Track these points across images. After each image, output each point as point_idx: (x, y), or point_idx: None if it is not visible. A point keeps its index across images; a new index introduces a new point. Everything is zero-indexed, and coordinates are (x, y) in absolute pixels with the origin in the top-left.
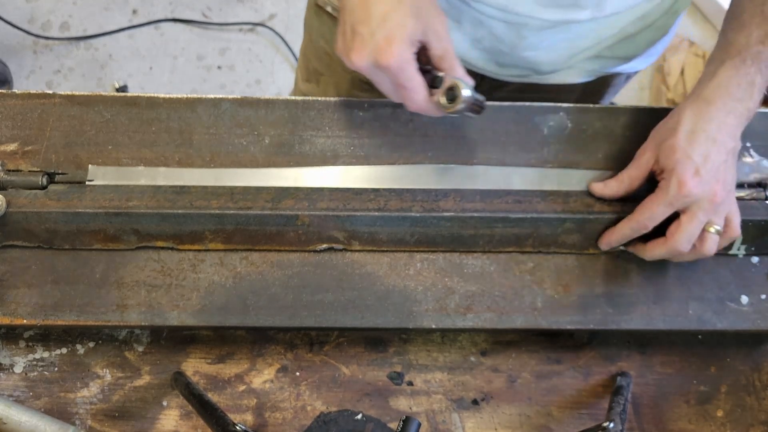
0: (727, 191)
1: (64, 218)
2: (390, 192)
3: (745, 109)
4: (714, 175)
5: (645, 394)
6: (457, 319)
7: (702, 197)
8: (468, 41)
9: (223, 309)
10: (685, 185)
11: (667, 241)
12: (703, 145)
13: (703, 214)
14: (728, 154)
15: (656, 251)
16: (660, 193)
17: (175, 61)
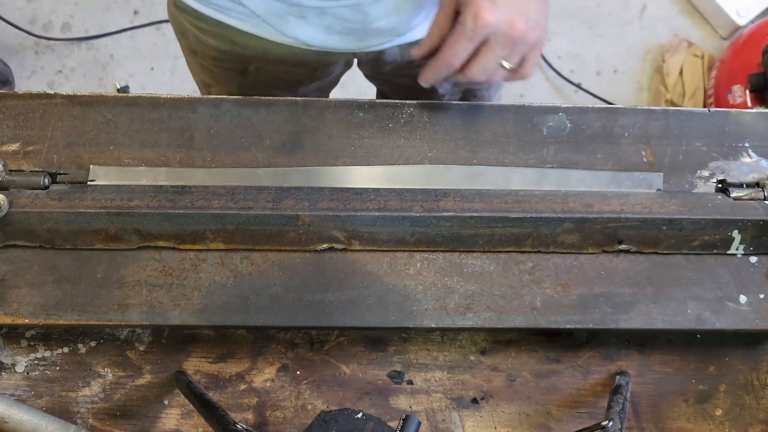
0: (530, 26)
1: (65, 218)
2: (390, 192)
3: None
4: (512, 6)
5: (644, 393)
6: (457, 318)
7: (499, 28)
8: (322, 31)
9: (224, 308)
10: (481, 16)
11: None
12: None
13: (500, 47)
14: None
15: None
16: (458, 28)
17: (176, 61)
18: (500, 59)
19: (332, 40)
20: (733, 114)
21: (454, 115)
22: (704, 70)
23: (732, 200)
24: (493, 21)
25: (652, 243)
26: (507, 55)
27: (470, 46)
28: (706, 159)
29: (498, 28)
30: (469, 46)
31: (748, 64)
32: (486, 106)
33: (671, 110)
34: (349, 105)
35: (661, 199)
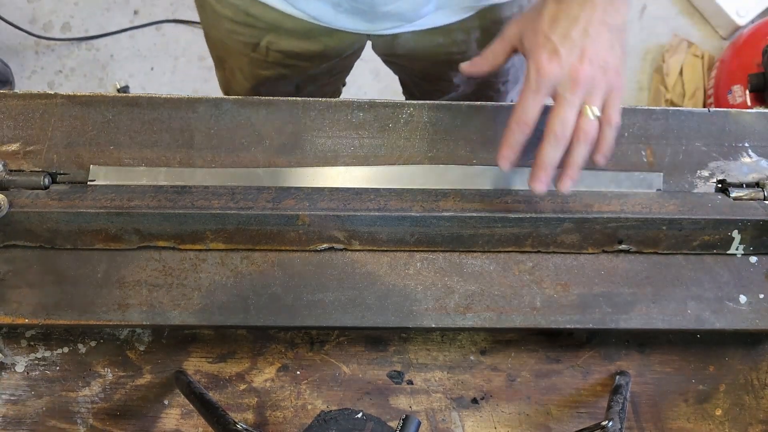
0: (598, 67)
1: (65, 218)
2: (390, 192)
3: None
4: (575, 52)
5: (644, 393)
6: (457, 318)
7: (562, 76)
8: (330, 8)
9: (224, 308)
10: (542, 68)
11: (545, 133)
12: (564, 25)
13: (570, 93)
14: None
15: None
16: (524, 86)
17: (177, 61)
18: (576, 107)
19: (341, 18)
20: (733, 114)
21: (454, 115)
22: (704, 70)
23: (732, 200)
24: (555, 70)
25: (652, 243)
26: (586, 102)
27: (538, 99)
28: (706, 159)
29: (562, 77)
30: (537, 98)
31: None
32: (486, 106)
33: (671, 110)
34: (349, 105)
35: (661, 199)
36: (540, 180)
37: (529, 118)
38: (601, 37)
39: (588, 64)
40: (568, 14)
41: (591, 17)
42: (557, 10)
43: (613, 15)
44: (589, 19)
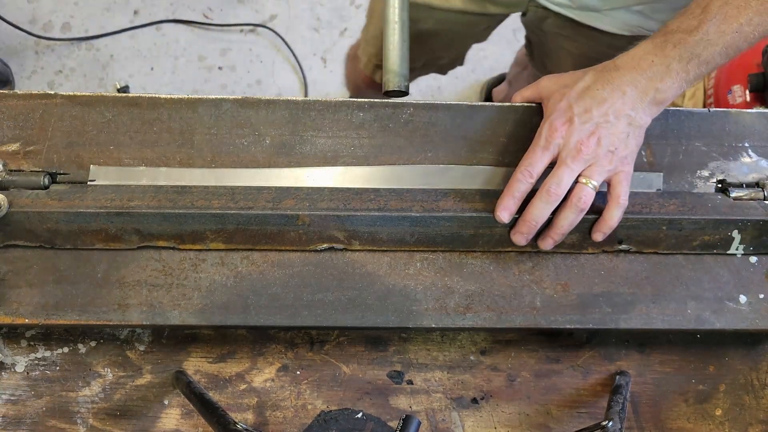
0: (606, 149)
1: (65, 218)
2: (390, 192)
3: (651, 87)
4: (589, 128)
5: (644, 393)
6: (457, 318)
7: (569, 142)
8: None
9: (224, 308)
10: (555, 128)
11: (540, 190)
12: (588, 101)
13: (571, 160)
14: (618, 117)
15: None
16: (535, 140)
17: (177, 61)
18: (575, 174)
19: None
20: (732, 114)
21: (454, 115)
22: None
23: (732, 200)
24: (564, 134)
25: (652, 243)
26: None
27: (546, 155)
28: (706, 159)
29: (568, 142)
30: (545, 154)
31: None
32: (486, 106)
33: (671, 110)
34: (349, 105)
35: (661, 199)
36: (521, 233)
37: (534, 170)
38: (618, 125)
39: (595, 143)
40: (597, 93)
41: (616, 105)
42: (590, 85)
43: (639, 113)
44: (613, 105)
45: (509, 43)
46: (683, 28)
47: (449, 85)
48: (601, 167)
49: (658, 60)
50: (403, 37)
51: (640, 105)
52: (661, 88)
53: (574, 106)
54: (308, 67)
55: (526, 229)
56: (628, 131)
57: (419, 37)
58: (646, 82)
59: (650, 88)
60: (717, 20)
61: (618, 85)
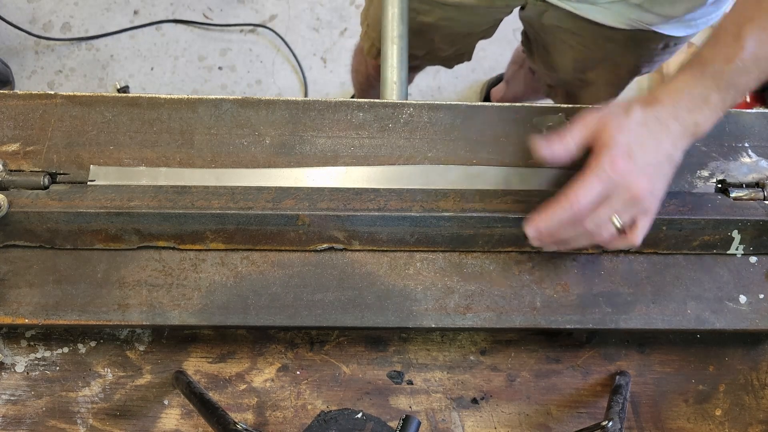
0: (650, 192)
1: (65, 218)
2: (390, 192)
3: (692, 121)
4: (643, 167)
5: (644, 393)
6: (457, 318)
7: (623, 183)
8: None
9: (224, 308)
10: (618, 165)
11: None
12: (646, 139)
13: (618, 201)
14: (666, 158)
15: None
16: (593, 170)
17: (176, 61)
18: (613, 212)
19: None
20: (732, 114)
21: (454, 115)
22: None
23: (732, 200)
24: (624, 171)
25: (652, 243)
26: (620, 212)
27: (601, 192)
28: (706, 159)
29: (625, 180)
30: (601, 191)
31: None
32: (486, 107)
33: None
34: (349, 105)
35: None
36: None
37: (584, 206)
38: (664, 166)
39: (648, 185)
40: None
41: (664, 144)
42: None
43: (678, 150)
44: (662, 144)
45: (509, 43)
46: (719, 57)
47: (449, 85)
48: (636, 209)
49: (697, 92)
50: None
51: (681, 142)
52: (701, 122)
53: (633, 143)
54: (308, 67)
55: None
56: (667, 171)
57: (420, 29)
58: (686, 115)
59: (690, 122)
60: (752, 47)
61: (664, 120)
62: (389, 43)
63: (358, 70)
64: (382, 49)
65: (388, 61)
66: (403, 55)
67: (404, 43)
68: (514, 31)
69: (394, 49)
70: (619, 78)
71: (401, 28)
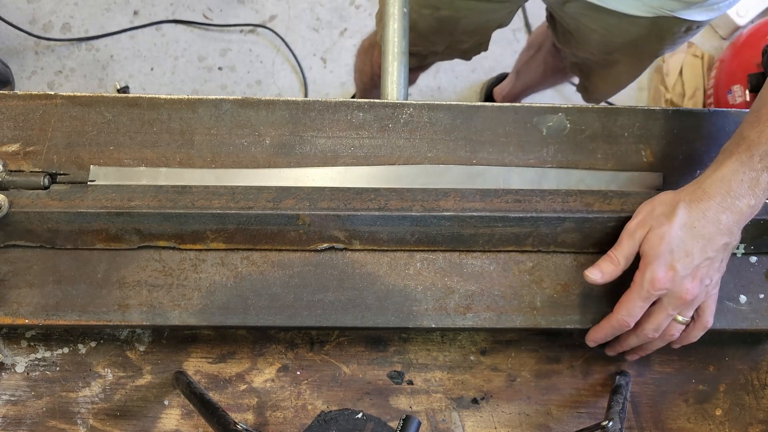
0: (703, 288)
1: (66, 218)
2: (390, 192)
3: (745, 206)
4: (691, 272)
5: (644, 393)
6: (457, 318)
7: (672, 292)
8: None
9: (224, 308)
10: (657, 281)
11: (636, 330)
12: (690, 242)
13: (672, 308)
14: (717, 251)
15: (629, 341)
16: (635, 288)
17: (176, 62)
18: (672, 317)
19: None
20: (732, 114)
21: (454, 115)
22: (704, 70)
23: None
24: (667, 285)
25: None
26: (681, 312)
27: (644, 305)
28: (706, 159)
29: (672, 292)
30: (644, 305)
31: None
32: (486, 107)
33: (671, 110)
34: (349, 105)
35: None
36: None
37: (631, 321)
38: (717, 258)
39: (698, 285)
40: (695, 230)
41: (715, 240)
42: (686, 222)
43: (735, 235)
44: (712, 240)
45: (509, 43)
46: (764, 138)
47: (449, 85)
48: (696, 303)
49: (747, 177)
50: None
51: (736, 228)
52: (755, 204)
53: (675, 251)
54: (308, 67)
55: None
56: (722, 257)
57: (440, 23)
58: (739, 203)
59: (745, 206)
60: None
61: (714, 216)
62: (390, 42)
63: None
64: (382, 48)
65: (388, 61)
66: (404, 55)
67: (405, 42)
68: (514, 32)
69: (395, 49)
70: (641, 60)
71: (401, 27)
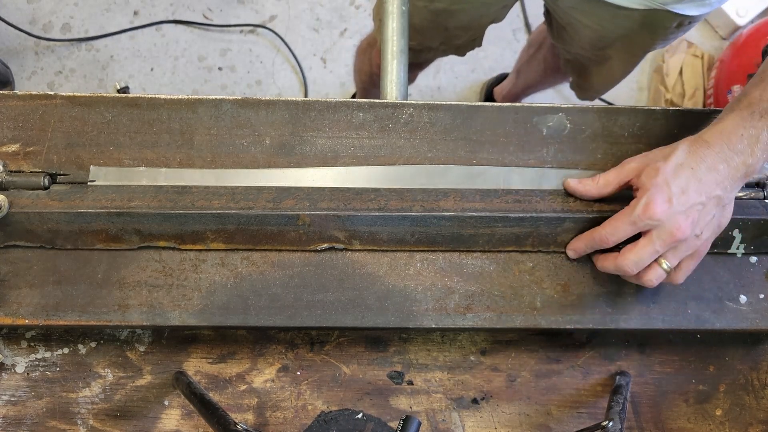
0: (694, 233)
1: (66, 218)
2: (390, 192)
3: (742, 163)
4: (685, 210)
5: (644, 393)
6: (457, 318)
7: (664, 225)
8: None
9: (224, 309)
10: (652, 207)
11: (617, 257)
12: (686, 180)
13: (660, 243)
14: (710, 199)
15: (606, 264)
16: (627, 210)
17: (176, 62)
18: (657, 255)
19: None
20: None
21: (454, 115)
22: (704, 70)
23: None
24: (661, 216)
25: None
26: (665, 255)
27: (631, 230)
28: None
29: (663, 225)
30: (630, 229)
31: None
32: (486, 107)
33: (671, 110)
34: (349, 105)
35: None
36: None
37: (613, 240)
38: (709, 207)
39: (689, 226)
40: (694, 172)
41: (710, 186)
42: (683, 162)
43: (728, 191)
44: (708, 186)
45: (509, 43)
46: (766, 96)
47: (449, 85)
48: (682, 251)
49: (748, 133)
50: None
51: (731, 184)
52: (752, 163)
53: (671, 184)
54: (308, 68)
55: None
56: (715, 212)
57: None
58: (737, 157)
59: (741, 163)
60: None
61: (712, 163)
62: (389, 41)
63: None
64: (381, 47)
65: (387, 60)
66: (403, 53)
67: (404, 41)
68: (514, 32)
69: (394, 47)
70: (634, 55)
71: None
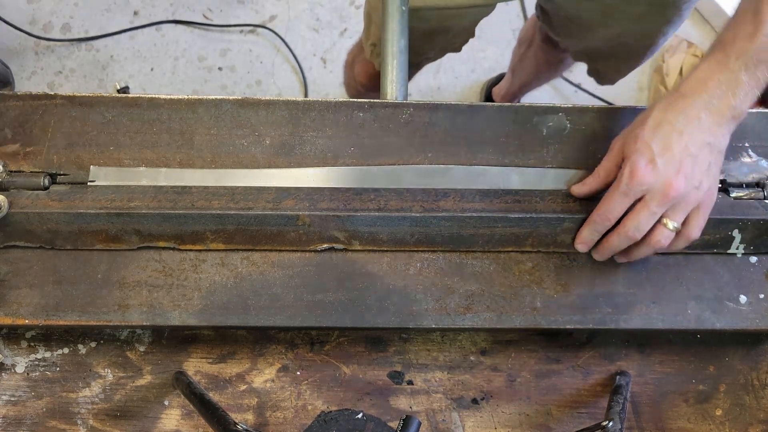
0: (691, 186)
1: (65, 219)
2: (390, 192)
3: (725, 106)
4: (673, 166)
5: (644, 394)
6: (457, 318)
7: (654, 186)
8: None
9: (224, 309)
10: (636, 173)
11: (619, 227)
12: (666, 137)
13: (656, 204)
14: (699, 148)
15: (611, 239)
16: (615, 184)
17: (176, 62)
18: (656, 217)
19: None
20: None
21: (454, 115)
22: None
23: (732, 200)
24: (648, 179)
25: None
26: (668, 214)
27: (625, 202)
28: None
29: (653, 187)
30: (624, 201)
31: None
32: (486, 107)
33: None
34: (349, 105)
35: None
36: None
37: (611, 217)
38: (701, 157)
39: (683, 181)
40: (673, 126)
41: (695, 135)
42: (662, 119)
43: (718, 137)
44: (692, 136)
45: (509, 43)
46: (740, 36)
47: (449, 85)
48: (685, 206)
49: (725, 77)
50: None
51: (718, 129)
52: (736, 104)
53: (651, 144)
54: (308, 68)
55: (599, 254)
56: (709, 160)
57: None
58: (718, 102)
59: (725, 107)
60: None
61: (692, 113)
62: (389, 41)
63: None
64: (381, 48)
65: (387, 60)
66: (403, 53)
67: (404, 41)
68: (513, 32)
69: (393, 48)
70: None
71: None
